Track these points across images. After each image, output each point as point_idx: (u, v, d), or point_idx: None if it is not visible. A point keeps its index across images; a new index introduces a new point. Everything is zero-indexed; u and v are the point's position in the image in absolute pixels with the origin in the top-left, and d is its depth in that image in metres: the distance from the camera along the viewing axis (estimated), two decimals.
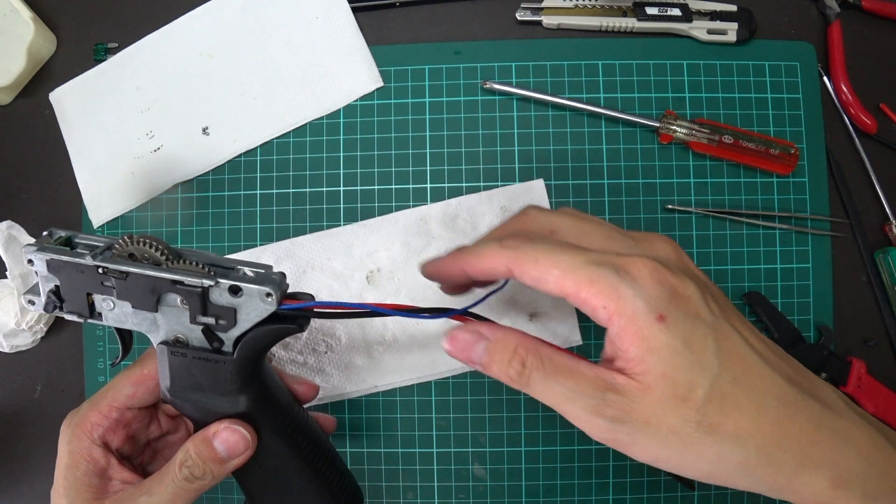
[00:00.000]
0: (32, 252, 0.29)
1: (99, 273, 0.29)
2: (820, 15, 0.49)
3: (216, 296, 0.29)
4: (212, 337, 0.30)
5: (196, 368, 0.31)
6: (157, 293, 0.29)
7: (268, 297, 0.28)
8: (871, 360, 0.46)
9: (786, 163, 0.46)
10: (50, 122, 0.51)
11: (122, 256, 0.29)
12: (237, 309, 0.29)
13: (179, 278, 0.28)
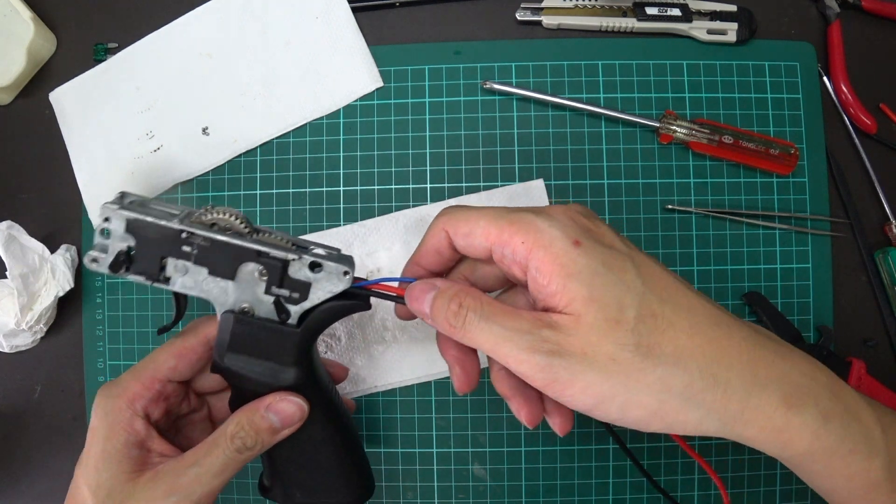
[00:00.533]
0: (113, 210, 0.30)
1: (181, 238, 0.30)
2: (820, 15, 0.49)
3: (294, 270, 0.30)
4: (281, 309, 0.31)
5: (258, 338, 0.32)
6: (237, 262, 0.30)
7: (344, 276, 0.30)
8: (871, 360, 0.46)
9: (786, 163, 0.46)
10: (50, 122, 0.51)
11: (204, 224, 0.30)
12: (312, 284, 0.31)
13: (265, 250, 0.30)
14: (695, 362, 0.26)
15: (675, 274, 0.29)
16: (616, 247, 0.28)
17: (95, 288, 0.50)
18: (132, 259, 0.31)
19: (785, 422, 0.26)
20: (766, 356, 0.27)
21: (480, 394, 0.47)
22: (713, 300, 0.29)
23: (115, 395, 0.33)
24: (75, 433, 0.50)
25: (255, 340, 0.32)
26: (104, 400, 0.33)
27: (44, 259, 0.47)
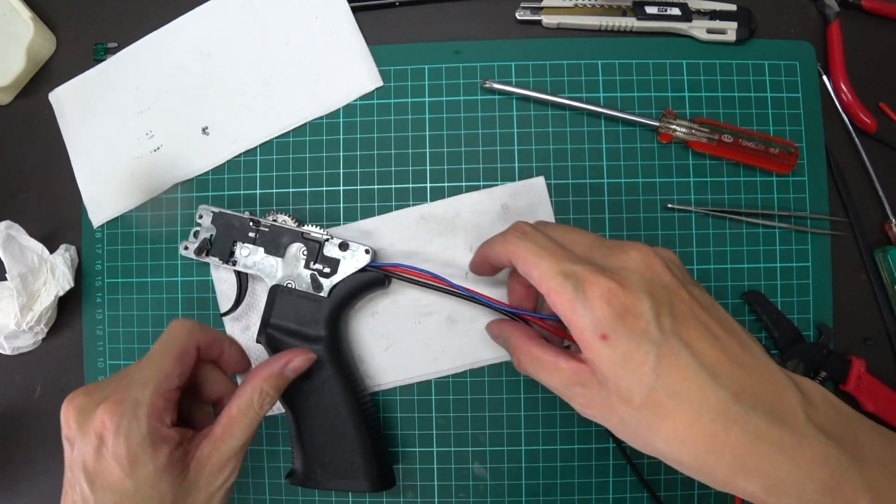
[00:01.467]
0: (205, 208, 0.44)
1: (249, 225, 0.43)
2: (819, 14, 0.49)
3: (328, 249, 0.42)
4: (316, 283, 0.42)
5: (298, 305, 0.42)
6: (286, 243, 0.43)
7: (366, 253, 0.42)
8: (871, 359, 0.46)
9: (785, 162, 0.46)
10: (49, 122, 0.51)
11: (266, 218, 0.44)
12: (340, 261, 0.42)
13: (308, 230, 0.43)
14: (686, 448, 0.29)
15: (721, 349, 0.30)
16: (649, 332, 0.29)
17: (95, 288, 0.50)
18: (212, 245, 0.44)
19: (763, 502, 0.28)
20: (761, 450, 0.28)
21: (480, 393, 0.47)
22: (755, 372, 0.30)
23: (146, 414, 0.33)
24: None
25: (294, 308, 0.42)
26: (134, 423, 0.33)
27: (43, 259, 0.47)
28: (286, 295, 0.42)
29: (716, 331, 0.30)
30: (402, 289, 0.47)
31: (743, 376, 0.29)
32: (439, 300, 0.47)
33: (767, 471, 0.28)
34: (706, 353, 0.29)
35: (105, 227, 0.50)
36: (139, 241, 0.50)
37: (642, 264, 0.31)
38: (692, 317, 0.30)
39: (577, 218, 0.47)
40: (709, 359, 0.29)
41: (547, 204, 0.47)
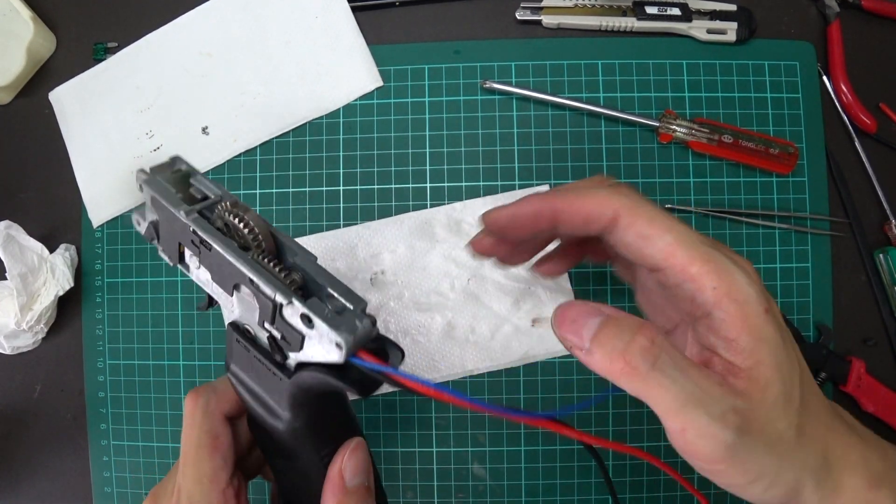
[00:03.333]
0: (142, 180, 0.28)
1: (190, 232, 0.27)
2: (820, 14, 0.49)
3: (288, 313, 0.25)
4: (275, 348, 0.27)
5: (254, 366, 0.28)
6: (234, 280, 0.26)
7: (336, 347, 0.24)
8: (871, 360, 0.46)
9: (785, 162, 0.46)
10: (49, 122, 0.51)
11: (217, 223, 0.27)
12: (305, 337, 0.25)
13: (256, 280, 0.25)
14: (820, 445, 0.26)
15: None
16: (782, 323, 0.27)
17: (95, 288, 0.50)
18: (158, 236, 0.29)
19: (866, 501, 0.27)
20: (855, 442, 0.27)
21: (480, 393, 0.47)
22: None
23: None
24: (75, 433, 0.50)
25: (252, 365, 0.29)
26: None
27: (43, 258, 0.47)
28: (242, 346, 0.29)
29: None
30: (402, 291, 0.47)
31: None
32: (440, 302, 0.47)
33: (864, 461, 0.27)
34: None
35: (105, 227, 0.50)
36: (139, 241, 0.50)
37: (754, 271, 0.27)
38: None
39: None
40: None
41: None
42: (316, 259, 0.26)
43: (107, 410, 0.49)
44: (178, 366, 0.49)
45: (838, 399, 0.46)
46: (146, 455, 0.49)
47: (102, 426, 0.49)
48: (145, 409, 0.49)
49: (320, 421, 0.29)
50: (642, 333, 0.23)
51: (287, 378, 0.27)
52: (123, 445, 0.49)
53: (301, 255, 0.26)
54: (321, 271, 0.26)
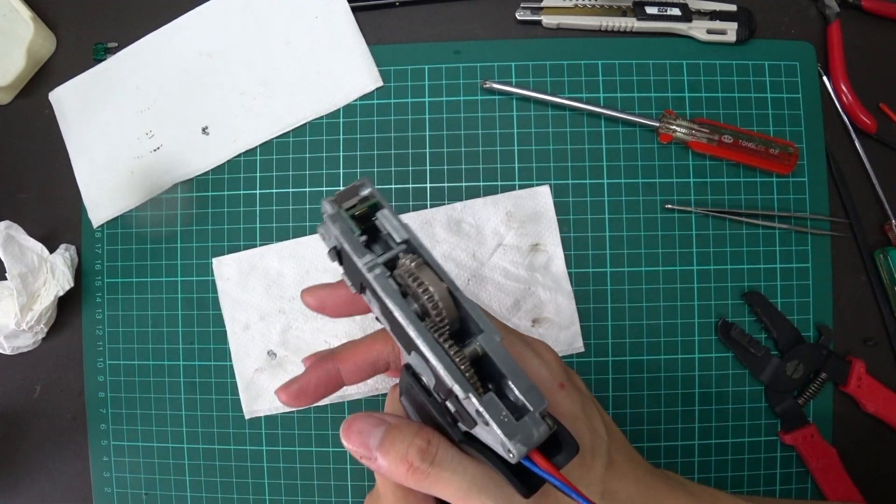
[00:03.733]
0: (328, 215, 0.26)
1: (371, 285, 0.25)
2: (820, 15, 0.49)
3: (463, 399, 0.23)
4: (447, 412, 0.26)
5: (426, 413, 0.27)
6: (410, 346, 0.25)
7: (508, 453, 0.23)
8: (871, 360, 0.46)
9: (785, 162, 0.46)
10: (49, 122, 0.51)
11: (395, 285, 0.25)
12: (478, 424, 0.24)
13: (432, 363, 0.24)
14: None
15: None
16: (584, 392, 0.29)
17: (95, 288, 0.50)
18: (342, 261, 0.28)
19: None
20: (683, 499, 0.29)
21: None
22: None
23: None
24: (75, 433, 0.50)
25: (422, 409, 0.27)
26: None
27: (43, 259, 0.47)
28: (413, 392, 0.27)
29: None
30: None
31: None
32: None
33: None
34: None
35: (105, 227, 0.50)
36: (139, 241, 0.50)
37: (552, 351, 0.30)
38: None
39: (577, 218, 0.47)
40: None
41: (551, 212, 0.47)
42: (500, 338, 0.25)
43: (107, 410, 0.49)
44: (178, 366, 0.49)
45: (838, 399, 0.46)
46: (146, 455, 0.49)
47: (102, 426, 0.49)
48: (145, 409, 0.49)
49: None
50: (419, 437, 0.25)
51: (456, 438, 0.26)
52: (123, 445, 0.49)
53: (486, 332, 0.25)
54: (504, 356, 0.24)
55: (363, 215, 0.27)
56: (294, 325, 0.48)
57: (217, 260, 0.49)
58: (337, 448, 0.48)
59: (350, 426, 0.26)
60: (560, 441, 0.24)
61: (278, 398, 0.31)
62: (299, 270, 0.48)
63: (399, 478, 0.25)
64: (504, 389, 0.24)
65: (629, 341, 0.47)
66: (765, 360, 0.45)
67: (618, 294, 0.47)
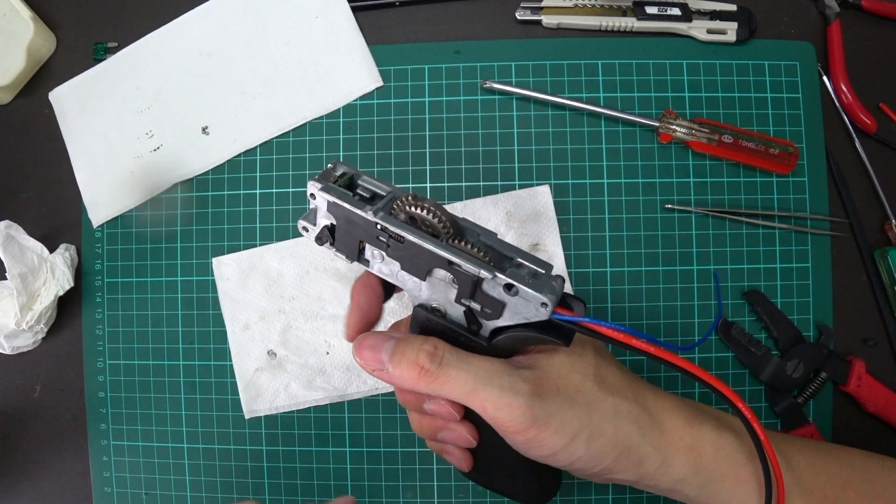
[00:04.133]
0: (317, 189, 0.29)
1: (377, 229, 0.28)
2: (820, 15, 0.49)
3: (488, 286, 0.27)
4: (472, 319, 0.29)
5: (447, 339, 0.30)
6: (429, 265, 0.28)
7: (543, 307, 0.26)
8: (871, 360, 0.46)
9: (785, 162, 0.46)
10: (49, 122, 0.51)
11: (401, 217, 0.29)
12: (506, 304, 0.27)
13: (457, 261, 0.27)
14: (630, 391, 0.30)
15: None
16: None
17: (95, 288, 0.50)
18: (334, 237, 0.30)
19: (691, 439, 0.30)
20: (661, 390, 0.32)
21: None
22: None
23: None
24: (75, 433, 0.50)
25: (444, 334, 0.30)
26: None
27: (42, 258, 0.47)
28: (434, 324, 0.30)
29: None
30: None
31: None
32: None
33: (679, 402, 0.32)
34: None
35: (105, 227, 0.50)
36: (139, 240, 0.50)
37: None
38: None
39: (577, 218, 0.47)
40: None
41: (551, 212, 0.47)
42: (497, 234, 0.29)
43: (107, 410, 0.49)
44: (178, 366, 0.49)
45: (838, 399, 0.46)
46: (146, 455, 0.49)
47: (102, 426, 0.49)
48: (145, 409, 0.49)
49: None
50: (427, 343, 0.28)
51: (485, 343, 0.29)
52: (123, 445, 0.49)
53: (484, 233, 0.29)
54: (505, 244, 0.29)
55: (345, 187, 0.30)
56: (294, 325, 0.48)
57: (217, 260, 0.49)
58: (337, 448, 0.48)
59: (362, 343, 0.29)
60: (570, 303, 0.28)
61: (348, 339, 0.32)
62: (299, 270, 0.48)
63: (411, 383, 0.28)
64: (516, 268, 0.27)
65: None
66: (765, 360, 0.45)
67: (618, 294, 0.47)
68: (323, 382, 0.48)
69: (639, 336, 0.26)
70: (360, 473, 0.47)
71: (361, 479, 0.47)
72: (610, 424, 0.29)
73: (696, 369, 0.27)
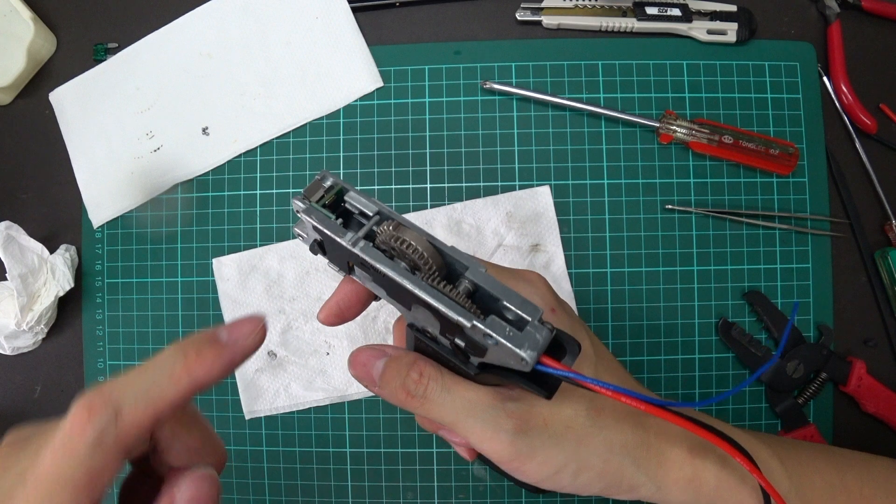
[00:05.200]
0: (301, 210, 0.28)
1: (358, 257, 0.27)
2: (820, 15, 0.49)
3: (469, 329, 0.25)
4: (459, 352, 0.28)
5: (439, 359, 0.29)
6: (411, 300, 0.27)
7: (521, 361, 0.24)
8: (871, 360, 0.46)
9: (785, 163, 0.46)
10: (50, 122, 0.51)
11: (382, 250, 0.27)
12: (488, 349, 0.26)
13: (434, 304, 0.25)
14: (628, 423, 0.29)
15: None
16: (576, 316, 0.31)
17: (95, 288, 0.50)
18: (324, 251, 0.30)
19: (692, 470, 0.30)
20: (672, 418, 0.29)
21: None
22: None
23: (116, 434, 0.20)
24: None
25: (435, 358, 0.30)
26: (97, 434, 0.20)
27: (43, 259, 0.47)
28: (424, 345, 0.29)
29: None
30: None
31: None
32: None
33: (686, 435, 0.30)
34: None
35: (105, 227, 0.50)
36: (139, 241, 0.50)
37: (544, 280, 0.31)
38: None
39: (577, 219, 0.47)
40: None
41: (551, 212, 0.47)
42: (485, 269, 0.26)
43: None
44: None
45: (838, 399, 0.46)
46: None
47: None
48: None
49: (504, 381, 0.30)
50: (414, 369, 0.28)
51: (472, 372, 0.28)
52: None
53: (471, 268, 0.27)
54: (492, 282, 0.26)
55: (333, 203, 0.28)
56: (294, 326, 0.48)
57: (217, 260, 0.49)
58: (337, 448, 0.48)
59: (356, 358, 0.29)
60: (563, 346, 0.26)
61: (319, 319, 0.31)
62: (299, 271, 0.48)
63: (399, 404, 0.28)
64: (502, 311, 0.26)
65: (629, 342, 0.47)
66: (765, 360, 0.45)
67: (618, 294, 0.47)
68: (323, 383, 0.48)
69: (627, 394, 0.24)
70: (360, 474, 0.47)
71: (361, 480, 0.47)
72: (599, 459, 0.28)
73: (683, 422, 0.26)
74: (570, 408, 0.28)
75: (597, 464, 0.28)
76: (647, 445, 0.29)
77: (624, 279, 0.47)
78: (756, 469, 0.27)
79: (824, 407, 0.46)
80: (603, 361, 0.30)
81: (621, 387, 0.24)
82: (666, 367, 0.47)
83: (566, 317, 0.30)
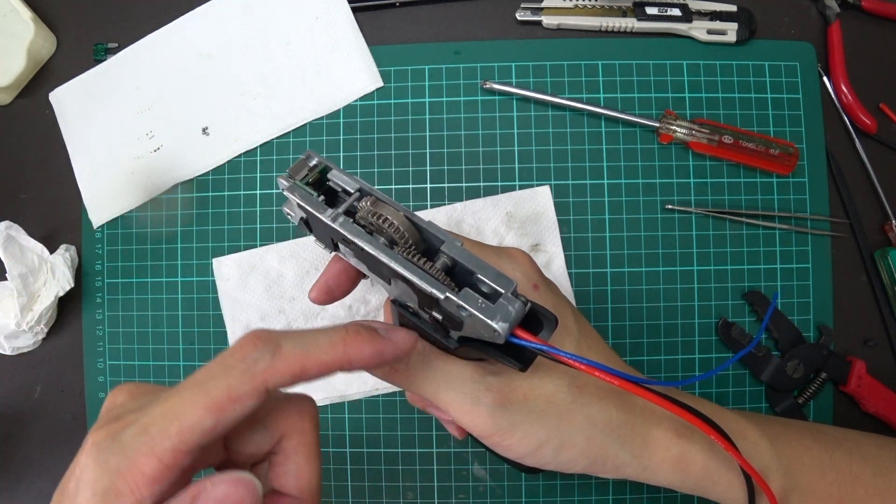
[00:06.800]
0: (285, 188, 0.29)
1: (339, 233, 0.28)
2: (820, 15, 0.49)
3: (444, 302, 0.26)
4: (439, 326, 0.28)
5: (423, 333, 0.30)
6: (388, 275, 0.28)
7: (494, 333, 0.24)
8: (871, 360, 0.46)
9: (785, 163, 0.46)
10: (50, 122, 0.51)
11: (362, 227, 0.27)
12: (464, 321, 0.26)
13: (410, 277, 0.26)
14: (612, 401, 0.29)
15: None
16: (559, 293, 0.30)
17: (95, 288, 0.50)
18: (310, 228, 0.30)
19: (680, 450, 0.30)
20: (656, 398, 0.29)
21: None
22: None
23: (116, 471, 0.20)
24: (75, 433, 0.50)
25: (420, 332, 0.29)
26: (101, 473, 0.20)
27: (43, 259, 0.47)
28: (407, 319, 0.30)
29: None
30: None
31: None
32: None
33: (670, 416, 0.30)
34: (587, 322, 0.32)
35: (105, 227, 0.50)
36: (139, 241, 0.50)
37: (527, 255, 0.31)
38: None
39: (577, 219, 0.47)
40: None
41: (551, 212, 0.47)
42: (461, 243, 0.27)
43: None
44: (178, 366, 0.49)
45: (838, 399, 0.46)
46: None
47: None
48: None
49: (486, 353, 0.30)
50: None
51: (452, 346, 0.29)
52: None
53: (447, 242, 0.27)
54: (467, 256, 0.27)
55: (317, 181, 0.29)
56: (294, 326, 0.48)
57: (217, 260, 0.49)
58: (337, 448, 0.48)
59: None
60: (541, 319, 0.26)
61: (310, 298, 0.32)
62: (299, 271, 0.48)
63: (381, 377, 0.28)
64: (477, 285, 0.26)
65: (629, 342, 0.47)
66: (765, 360, 0.46)
67: (618, 294, 0.47)
68: (323, 383, 0.48)
69: (602, 369, 0.24)
70: (360, 473, 0.47)
71: (361, 480, 0.47)
72: (582, 436, 0.28)
73: (660, 400, 0.25)
74: (552, 383, 0.28)
75: (579, 441, 0.28)
76: (631, 425, 0.29)
77: (624, 279, 0.47)
78: (732, 447, 0.27)
79: (824, 407, 0.46)
80: (587, 339, 0.30)
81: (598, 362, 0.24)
82: (666, 368, 0.47)
83: (551, 294, 0.30)
